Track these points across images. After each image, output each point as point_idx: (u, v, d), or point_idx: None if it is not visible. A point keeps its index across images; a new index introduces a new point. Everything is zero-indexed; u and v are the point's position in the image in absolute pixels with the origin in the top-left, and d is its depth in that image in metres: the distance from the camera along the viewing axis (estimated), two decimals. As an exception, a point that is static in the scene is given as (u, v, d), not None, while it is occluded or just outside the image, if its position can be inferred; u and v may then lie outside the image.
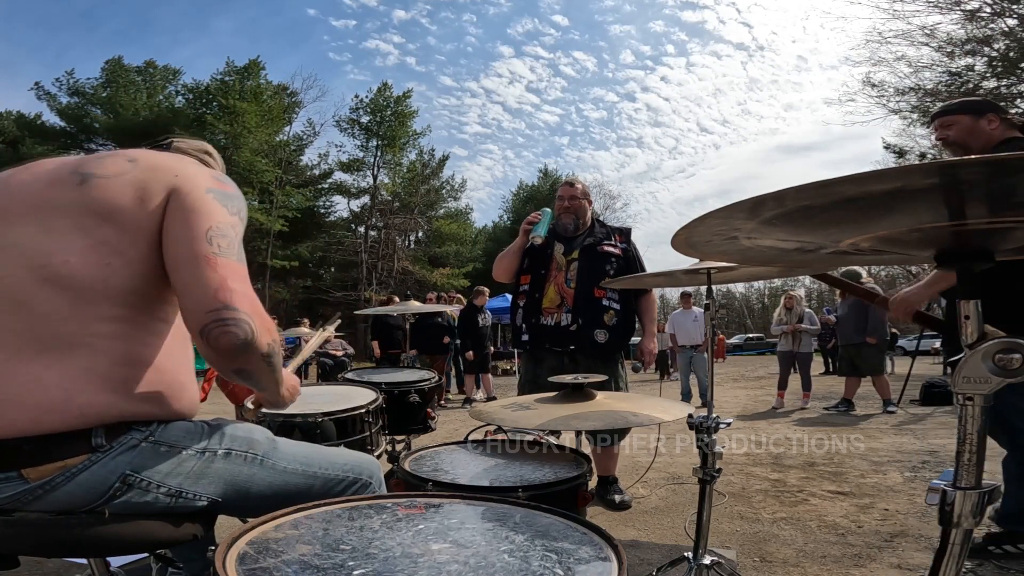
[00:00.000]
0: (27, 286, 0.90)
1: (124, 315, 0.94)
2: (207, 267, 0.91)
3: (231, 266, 0.93)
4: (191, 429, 1.00)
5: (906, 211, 0.61)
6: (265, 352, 0.93)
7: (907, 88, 13.99)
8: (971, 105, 2.15)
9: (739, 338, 32.74)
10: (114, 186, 0.96)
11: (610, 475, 2.99)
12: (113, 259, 0.93)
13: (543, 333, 2.78)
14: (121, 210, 0.95)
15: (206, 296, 0.89)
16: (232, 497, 1.01)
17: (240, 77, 24.63)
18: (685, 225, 0.71)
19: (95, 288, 0.92)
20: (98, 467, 0.89)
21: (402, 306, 3.90)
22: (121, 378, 0.93)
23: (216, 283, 0.90)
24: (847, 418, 5.78)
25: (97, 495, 0.90)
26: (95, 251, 0.93)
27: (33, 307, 0.90)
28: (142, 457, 0.92)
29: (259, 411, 1.30)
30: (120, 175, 0.98)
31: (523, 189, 33.76)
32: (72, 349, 0.90)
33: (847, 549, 2.28)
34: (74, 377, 0.89)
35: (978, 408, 0.69)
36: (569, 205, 2.89)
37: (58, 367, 0.89)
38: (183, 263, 0.92)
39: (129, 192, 0.96)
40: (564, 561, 0.72)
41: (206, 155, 1.29)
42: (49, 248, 0.91)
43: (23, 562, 0.97)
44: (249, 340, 0.89)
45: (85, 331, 0.91)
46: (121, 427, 0.92)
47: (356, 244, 28.07)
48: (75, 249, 0.92)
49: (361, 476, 1.15)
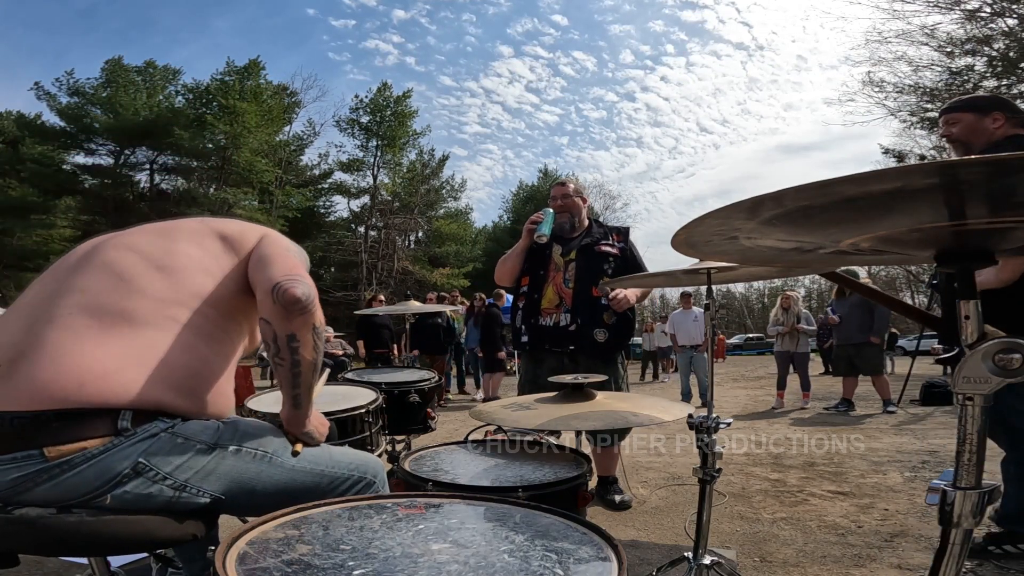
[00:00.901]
0: (138, 268, 1.08)
1: (206, 313, 1.08)
2: (287, 258, 1.14)
3: (299, 266, 1.14)
4: (208, 425, 1.03)
5: (906, 211, 0.61)
6: (317, 325, 1.07)
7: (907, 88, 14.00)
8: (977, 102, 2.14)
9: (739, 338, 32.73)
10: (224, 220, 1.28)
11: (610, 475, 2.99)
12: (214, 266, 1.14)
13: (542, 334, 2.78)
14: (228, 235, 1.20)
15: (283, 269, 1.08)
16: (236, 494, 1.03)
17: (240, 77, 24.58)
18: (685, 225, 0.71)
19: (192, 279, 1.09)
20: (115, 452, 0.92)
21: (401, 306, 3.90)
22: (175, 365, 1.01)
23: (291, 264, 1.11)
24: (847, 418, 5.78)
25: (106, 480, 0.91)
26: (203, 256, 1.14)
27: (132, 280, 1.05)
28: (158, 445, 0.95)
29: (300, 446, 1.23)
30: (230, 217, 1.31)
31: (523, 189, 33.72)
32: (144, 325, 1.01)
33: (847, 549, 2.28)
34: (137, 350, 0.98)
35: (978, 408, 0.69)
36: (563, 203, 2.89)
37: (126, 339, 0.99)
38: (266, 260, 1.13)
39: (235, 227, 1.25)
40: (564, 561, 0.72)
41: None
42: (168, 247, 1.13)
43: (23, 561, 0.97)
44: (309, 300, 1.04)
45: (164, 311, 1.04)
46: (150, 414, 0.96)
47: (356, 244, 28.05)
48: (187, 251, 1.14)
49: (366, 475, 1.17)
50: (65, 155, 22.94)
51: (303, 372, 1.08)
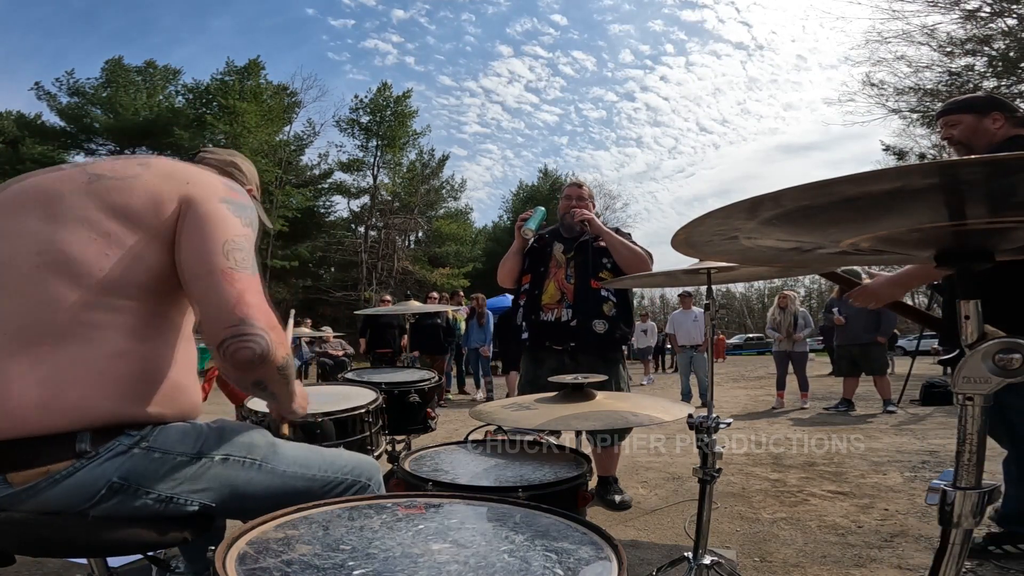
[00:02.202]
0: (28, 272, 0.90)
1: (124, 307, 0.93)
2: (225, 282, 0.92)
3: (247, 280, 0.94)
4: (188, 432, 0.98)
5: (906, 211, 0.61)
6: (280, 365, 0.95)
7: (907, 88, 14.00)
8: (974, 103, 2.13)
9: (739, 338, 32.74)
10: (127, 187, 0.97)
11: (610, 475, 3.00)
12: (113, 250, 0.93)
13: (543, 330, 2.79)
14: (132, 208, 0.96)
15: (224, 311, 0.90)
16: (227, 501, 1.00)
17: (240, 77, 24.60)
18: (685, 225, 0.71)
19: (93, 274, 0.91)
20: (84, 473, 0.87)
21: (401, 306, 3.90)
22: (115, 374, 0.91)
23: (234, 298, 0.91)
24: (847, 418, 5.78)
25: (82, 500, 0.88)
26: (96, 242, 0.93)
27: (31, 294, 0.90)
28: (132, 463, 0.90)
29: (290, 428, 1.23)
30: (133, 177, 0.99)
31: (523, 189, 33.75)
32: (64, 339, 0.89)
33: (847, 549, 2.28)
34: (64, 369, 0.88)
35: (978, 408, 0.69)
36: (576, 205, 2.90)
37: (49, 361, 0.88)
38: (201, 277, 0.93)
39: (141, 193, 0.97)
40: (564, 561, 0.72)
41: (232, 167, 1.32)
42: (51, 236, 0.92)
43: (22, 562, 0.97)
44: (265, 354, 0.91)
45: (79, 319, 0.90)
46: (111, 431, 0.90)
47: (356, 244, 28.05)
48: (76, 238, 0.92)
49: (360, 478, 1.14)
50: (65, 155, 22.91)
51: (278, 394, 1.02)
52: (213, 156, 1.34)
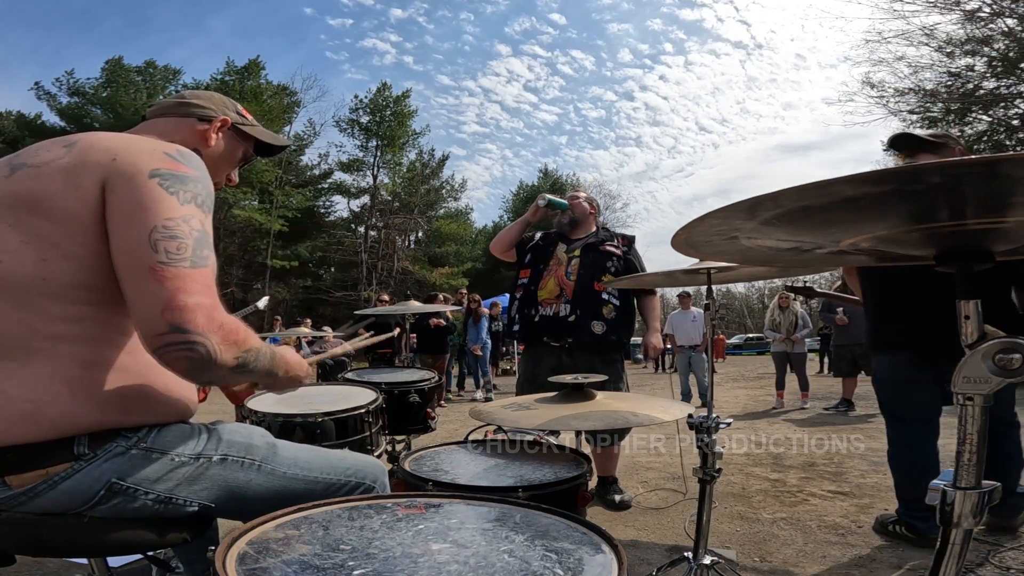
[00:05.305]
0: None
1: (81, 314, 0.85)
2: (152, 281, 0.79)
3: (181, 276, 0.81)
4: (187, 433, 0.97)
5: (905, 211, 0.61)
6: (233, 366, 0.85)
7: (907, 88, 14.01)
8: (927, 145, 2.14)
9: (739, 338, 32.72)
10: (44, 174, 0.86)
11: (610, 475, 3.00)
12: (48, 253, 0.83)
13: (541, 324, 2.80)
14: (49, 199, 0.84)
15: (152, 317, 0.79)
16: (227, 502, 0.99)
17: (240, 77, 24.63)
18: (685, 225, 0.71)
19: (35, 286, 0.82)
20: (82, 475, 0.87)
21: (401, 306, 3.89)
22: (92, 384, 0.86)
23: (163, 301, 0.79)
24: (847, 418, 5.77)
25: (81, 501, 0.87)
26: (28, 246, 0.83)
27: None
28: (131, 464, 0.89)
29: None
30: (51, 162, 0.87)
31: (523, 189, 33.75)
32: (28, 356, 0.83)
33: (847, 549, 2.28)
34: (36, 386, 0.83)
35: (978, 408, 0.69)
36: (573, 202, 2.95)
37: (18, 377, 0.82)
38: (127, 274, 0.82)
39: (58, 180, 0.85)
40: (564, 561, 0.72)
41: (180, 109, 1.11)
42: None
43: (22, 562, 0.97)
44: (207, 360, 0.81)
45: (37, 335, 0.83)
46: (107, 435, 0.89)
47: (356, 244, 28.06)
48: (7, 247, 0.83)
49: (364, 480, 1.12)
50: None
51: (258, 381, 0.98)
52: (157, 108, 1.12)
